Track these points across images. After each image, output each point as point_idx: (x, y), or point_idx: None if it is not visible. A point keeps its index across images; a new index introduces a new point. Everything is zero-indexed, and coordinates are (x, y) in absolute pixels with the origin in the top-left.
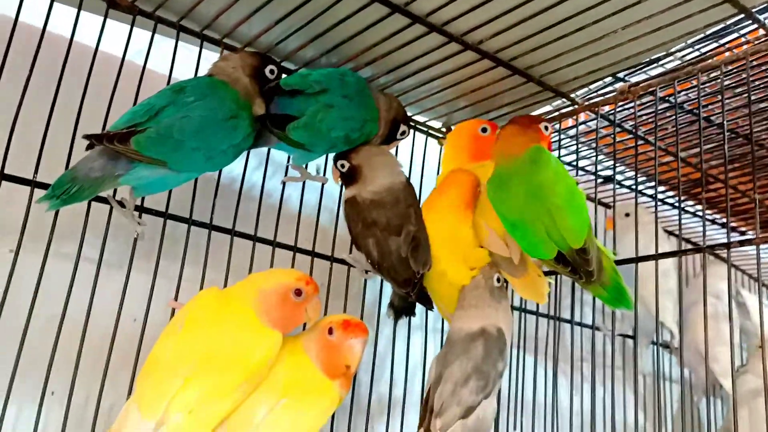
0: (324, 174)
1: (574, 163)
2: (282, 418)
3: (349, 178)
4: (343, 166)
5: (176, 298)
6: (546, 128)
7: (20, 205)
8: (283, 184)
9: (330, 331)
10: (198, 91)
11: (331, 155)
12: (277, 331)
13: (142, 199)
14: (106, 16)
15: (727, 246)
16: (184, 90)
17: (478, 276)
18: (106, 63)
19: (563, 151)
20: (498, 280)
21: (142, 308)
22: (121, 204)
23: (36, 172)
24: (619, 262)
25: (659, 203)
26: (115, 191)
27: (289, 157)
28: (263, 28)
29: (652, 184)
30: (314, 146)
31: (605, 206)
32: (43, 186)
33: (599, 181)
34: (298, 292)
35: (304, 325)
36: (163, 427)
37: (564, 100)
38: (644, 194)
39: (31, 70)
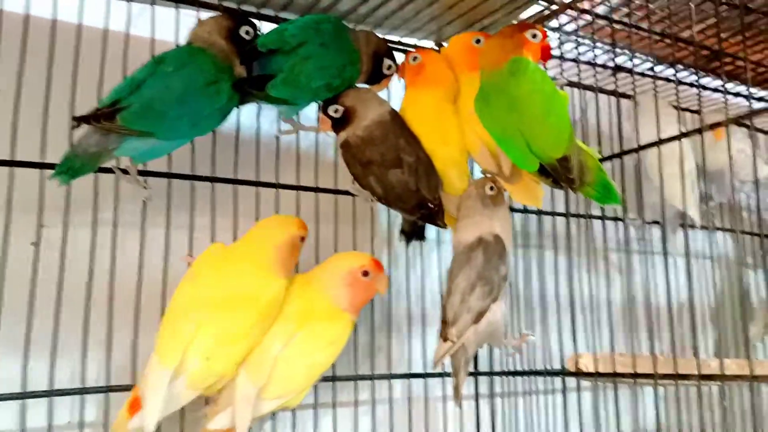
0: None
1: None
2: (299, 351)
3: (342, 121)
4: (336, 111)
5: (190, 250)
6: (534, 35)
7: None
8: (277, 138)
9: (366, 273)
10: (177, 61)
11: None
12: (282, 277)
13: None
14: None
15: (750, 114)
16: (164, 60)
17: (470, 187)
18: (91, 38)
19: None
20: (491, 188)
21: (162, 262)
22: (125, 171)
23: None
24: (643, 147)
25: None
26: (118, 160)
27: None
28: None
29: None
30: (297, 99)
31: (624, 96)
32: (51, 166)
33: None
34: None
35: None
36: (183, 375)
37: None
38: (660, 77)
39: (22, 57)
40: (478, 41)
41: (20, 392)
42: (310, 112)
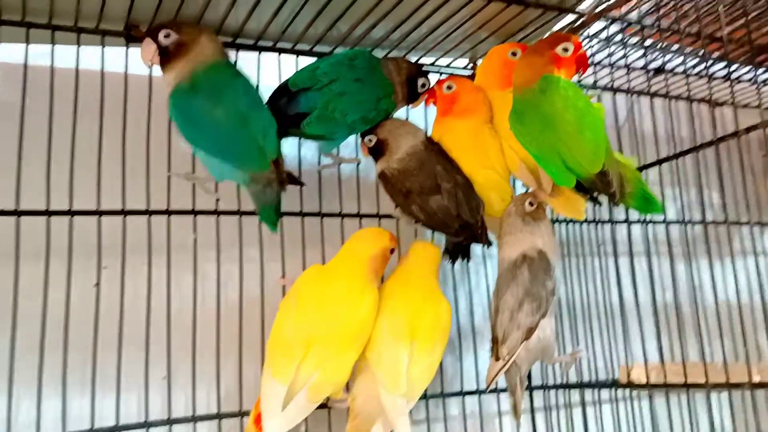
0: (357, 155)
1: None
2: (423, 351)
3: (377, 151)
4: (370, 140)
5: (241, 282)
6: (566, 50)
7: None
8: (319, 172)
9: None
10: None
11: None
12: (373, 291)
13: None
14: (128, 49)
15: None
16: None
17: (510, 205)
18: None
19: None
20: (531, 204)
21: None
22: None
23: (99, 202)
24: (681, 154)
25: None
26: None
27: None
28: (269, 18)
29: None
30: (333, 135)
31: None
32: (106, 213)
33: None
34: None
35: None
36: (303, 389)
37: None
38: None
39: (49, 109)
40: (514, 54)
41: (89, 428)
42: (351, 139)
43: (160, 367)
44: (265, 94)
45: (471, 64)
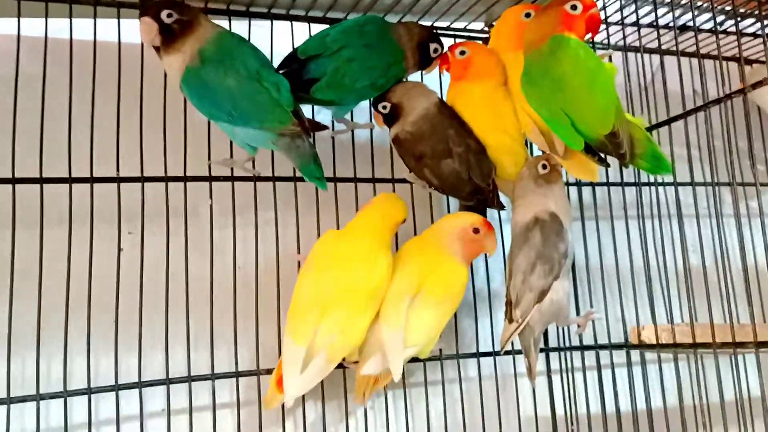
0: (371, 120)
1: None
2: (426, 303)
3: (391, 117)
4: (384, 107)
5: (257, 248)
6: (574, 7)
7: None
8: (333, 138)
9: (476, 230)
10: None
11: None
12: (388, 255)
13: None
14: None
15: None
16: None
17: (524, 168)
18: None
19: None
20: (544, 166)
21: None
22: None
23: (118, 169)
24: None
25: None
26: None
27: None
28: None
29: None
30: (343, 100)
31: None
32: (125, 180)
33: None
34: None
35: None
36: (322, 351)
37: None
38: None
39: (69, 80)
40: (527, 15)
41: (113, 384)
42: (365, 104)
43: (181, 328)
44: (278, 63)
45: (487, 27)
